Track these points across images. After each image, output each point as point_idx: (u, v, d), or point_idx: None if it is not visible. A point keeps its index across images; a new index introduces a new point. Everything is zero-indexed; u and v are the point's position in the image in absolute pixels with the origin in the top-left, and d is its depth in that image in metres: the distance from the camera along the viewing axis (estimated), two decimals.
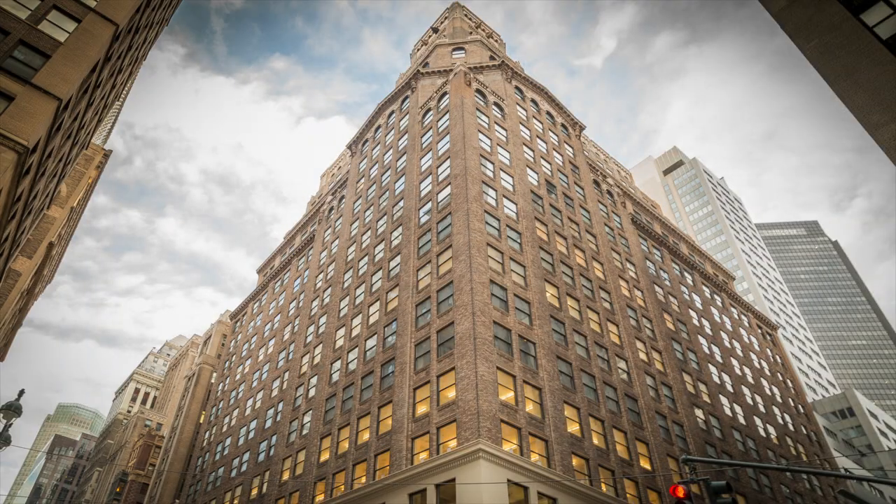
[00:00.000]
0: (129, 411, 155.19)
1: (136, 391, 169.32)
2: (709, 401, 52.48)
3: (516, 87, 64.17)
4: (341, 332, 50.74)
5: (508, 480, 29.61)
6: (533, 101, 65.33)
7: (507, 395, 34.20)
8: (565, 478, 32.35)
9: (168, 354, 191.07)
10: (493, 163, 49.85)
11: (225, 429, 65.73)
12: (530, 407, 35.08)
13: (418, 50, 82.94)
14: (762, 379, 66.12)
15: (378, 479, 35.20)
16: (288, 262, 75.26)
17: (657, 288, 59.79)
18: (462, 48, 68.88)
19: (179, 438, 79.69)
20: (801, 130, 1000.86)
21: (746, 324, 74.10)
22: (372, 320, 46.87)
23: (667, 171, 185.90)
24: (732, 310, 73.51)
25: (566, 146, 64.31)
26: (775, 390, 66.93)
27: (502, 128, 55.62)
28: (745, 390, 60.32)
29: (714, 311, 68.39)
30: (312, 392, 49.94)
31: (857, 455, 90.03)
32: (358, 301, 50.81)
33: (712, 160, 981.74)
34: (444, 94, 57.65)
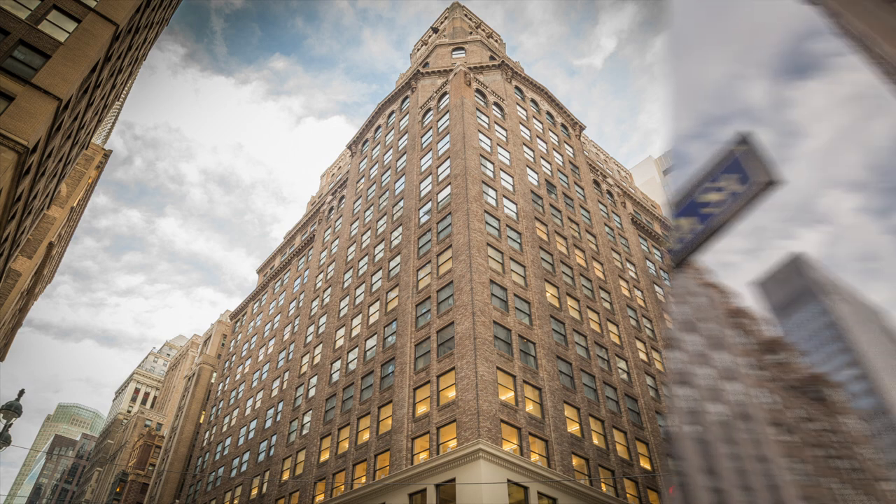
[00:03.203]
0: (129, 411, 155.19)
1: (136, 391, 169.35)
2: None
3: (516, 87, 64.17)
4: (341, 332, 50.74)
5: (508, 480, 29.60)
6: (533, 101, 65.32)
7: (507, 395, 34.19)
8: (565, 478, 32.35)
9: (168, 354, 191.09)
10: (493, 163, 49.84)
11: (225, 429, 65.74)
12: (530, 407, 35.07)
13: (418, 50, 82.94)
14: None
15: (378, 479, 35.20)
16: (288, 262, 75.27)
17: (657, 288, 59.80)
18: (462, 48, 68.90)
19: (179, 438, 79.72)
20: None
21: None
22: (372, 320, 46.87)
23: (667, 171, 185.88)
24: None
25: (566, 146, 64.29)
26: None
27: (502, 128, 55.61)
28: None
29: None
30: (312, 392, 49.95)
31: None
32: (358, 301, 50.81)
33: None
34: (444, 94, 57.65)
